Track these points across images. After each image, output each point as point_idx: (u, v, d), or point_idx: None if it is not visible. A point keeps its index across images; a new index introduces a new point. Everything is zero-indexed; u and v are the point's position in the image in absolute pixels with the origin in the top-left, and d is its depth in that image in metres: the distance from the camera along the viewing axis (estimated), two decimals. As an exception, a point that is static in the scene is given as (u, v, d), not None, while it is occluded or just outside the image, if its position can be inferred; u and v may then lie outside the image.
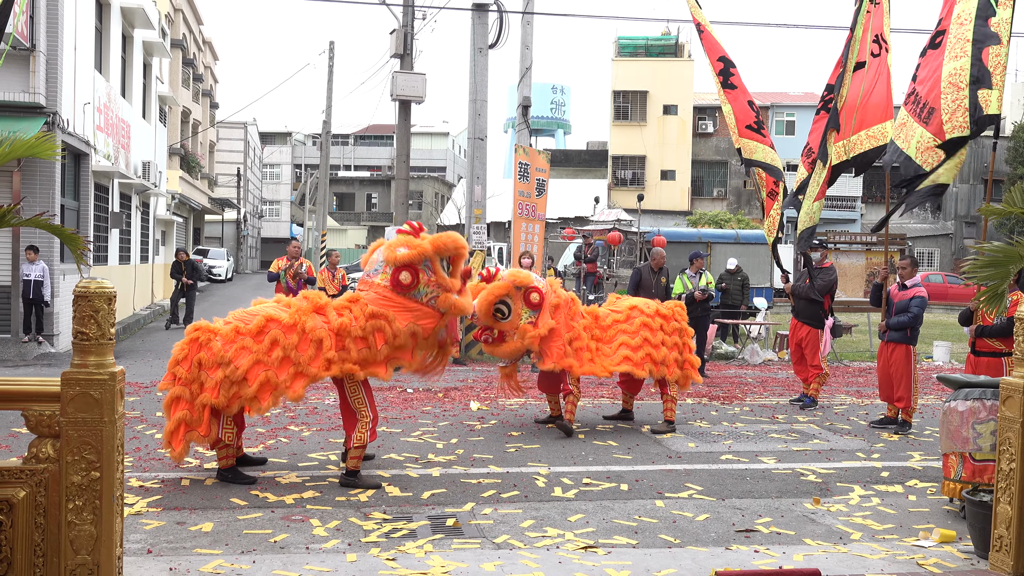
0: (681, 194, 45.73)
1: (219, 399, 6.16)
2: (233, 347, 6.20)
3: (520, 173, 15.51)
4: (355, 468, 6.50)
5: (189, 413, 6.20)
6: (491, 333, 8.05)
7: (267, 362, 6.18)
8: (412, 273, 6.32)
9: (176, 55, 31.33)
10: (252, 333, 6.27)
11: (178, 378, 6.28)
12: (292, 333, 6.26)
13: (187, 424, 6.21)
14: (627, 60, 46.70)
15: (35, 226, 4.69)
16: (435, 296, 6.40)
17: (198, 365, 6.22)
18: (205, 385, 6.19)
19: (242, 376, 6.12)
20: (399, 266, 6.32)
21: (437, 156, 70.61)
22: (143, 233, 23.42)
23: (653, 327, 8.64)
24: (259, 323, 6.29)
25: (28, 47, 13.61)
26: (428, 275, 6.36)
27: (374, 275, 6.49)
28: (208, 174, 42.03)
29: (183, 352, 6.32)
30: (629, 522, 5.79)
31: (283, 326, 6.27)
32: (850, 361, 16.00)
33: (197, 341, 6.30)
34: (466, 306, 6.66)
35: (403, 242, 6.38)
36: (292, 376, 6.22)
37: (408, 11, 19.40)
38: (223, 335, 6.27)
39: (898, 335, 9.20)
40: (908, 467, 7.64)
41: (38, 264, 13.91)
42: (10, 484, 3.74)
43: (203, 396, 6.17)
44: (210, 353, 6.20)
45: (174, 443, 6.22)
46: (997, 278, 5.43)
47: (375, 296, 6.41)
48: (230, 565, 4.75)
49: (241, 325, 6.33)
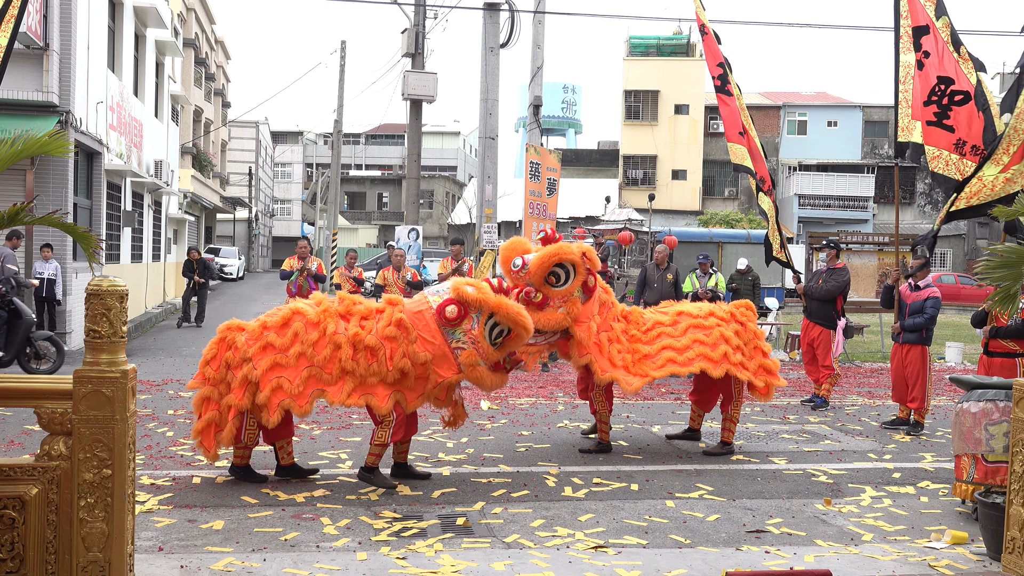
0: (692, 194, 45.65)
1: (244, 401, 6.09)
2: (256, 344, 6.14)
3: (531, 172, 15.51)
4: (373, 464, 6.42)
5: (217, 413, 6.18)
6: (535, 294, 7.11)
7: (284, 363, 6.07)
8: (459, 313, 6.08)
9: (188, 54, 31.43)
10: (277, 326, 6.21)
11: (208, 378, 6.25)
12: (313, 329, 6.19)
13: (216, 424, 6.18)
14: (639, 60, 46.65)
15: (48, 224, 4.71)
16: (463, 347, 6.11)
17: (225, 365, 6.18)
18: (231, 385, 6.15)
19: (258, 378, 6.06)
20: (454, 300, 6.11)
21: (448, 155, 70.64)
22: (155, 232, 23.51)
23: (707, 326, 7.61)
24: (285, 315, 6.25)
25: (41, 46, 13.68)
26: (472, 325, 6.10)
27: (436, 293, 6.34)
28: (220, 173, 42.17)
29: (212, 352, 6.27)
30: (639, 522, 5.77)
31: (307, 321, 6.21)
32: (862, 362, 15.94)
33: (225, 341, 6.26)
34: (486, 380, 6.26)
35: (479, 286, 6.16)
36: (304, 380, 6.05)
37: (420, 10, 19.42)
38: (249, 331, 6.23)
39: (913, 336, 9.16)
40: (920, 468, 7.61)
41: (52, 262, 13.98)
42: (23, 481, 3.76)
43: (228, 397, 6.13)
44: (235, 352, 6.16)
45: (206, 443, 6.21)
46: (1010, 279, 5.39)
47: (414, 309, 6.24)
48: (241, 563, 4.76)
49: (268, 319, 6.29)
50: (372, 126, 70.40)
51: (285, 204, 66.78)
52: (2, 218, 4.56)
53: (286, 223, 66.05)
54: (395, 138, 68.92)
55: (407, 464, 6.83)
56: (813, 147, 45.21)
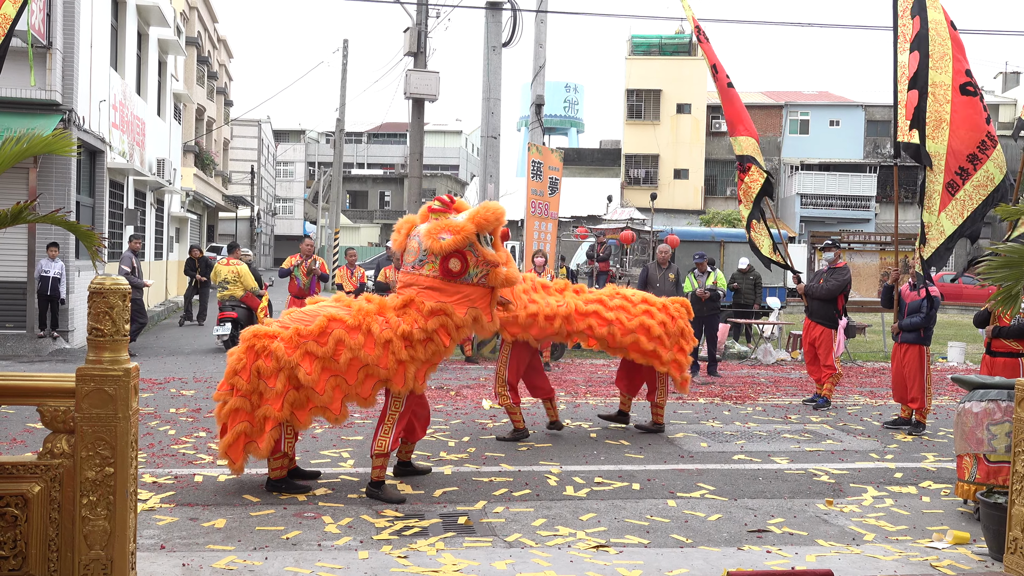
0: (694, 193, 45.63)
1: (282, 411, 5.88)
2: (297, 352, 5.90)
3: (533, 171, 15.50)
4: (380, 479, 6.18)
5: (249, 425, 5.92)
6: None
7: (334, 368, 5.91)
8: (461, 259, 6.06)
9: (191, 53, 31.44)
10: (315, 335, 5.95)
11: (237, 388, 5.95)
12: (357, 334, 5.97)
13: (247, 436, 5.94)
14: (641, 59, 46.62)
15: (51, 223, 4.71)
16: (485, 274, 6.17)
17: (257, 374, 5.91)
18: (265, 396, 5.89)
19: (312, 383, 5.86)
20: (447, 254, 6.07)
21: (450, 154, 70.66)
22: (157, 230, 23.53)
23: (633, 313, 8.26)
24: (321, 324, 5.97)
25: (45, 44, 13.69)
26: (475, 256, 6.09)
27: (420, 266, 6.19)
28: (222, 171, 42.18)
29: (241, 362, 5.95)
30: (641, 521, 5.78)
31: (347, 327, 5.97)
32: (863, 361, 15.93)
33: (254, 349, 5.96)
34: (516, 277, 6.43)
35: (444, 227, 6.03)
36: (363, 379, 5.98)
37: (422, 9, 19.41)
38: (284, 339, 5.93)
39: (912, 336, 9.16)
40: (922, 468, 7.60)
41: (57, 261, 14.00)
42: (25, 479, 3.77)
43: (264, 408, 5.88)
44: (268, 362, 5.88)
45: (232, 455, 5.96)
46: (1012, 279, 5.39)
47: (429, 290, 6.14)
48: (243, 561, 4.77)
49: (301, 327, 5.99)
50: (374, 125, 70.42)
51: (287, 203, 66.83)
52: (5, 216, 4.56)
53: (288, 222, 66.10)
54: (397, 137, 68.94)
55: (411, 462, 6.85)
56: (815, 146, 45.18)
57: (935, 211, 8.34)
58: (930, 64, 8.31)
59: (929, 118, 8.27)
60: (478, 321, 6.25)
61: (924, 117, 8.25)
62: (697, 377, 12.98)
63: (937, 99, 8.27)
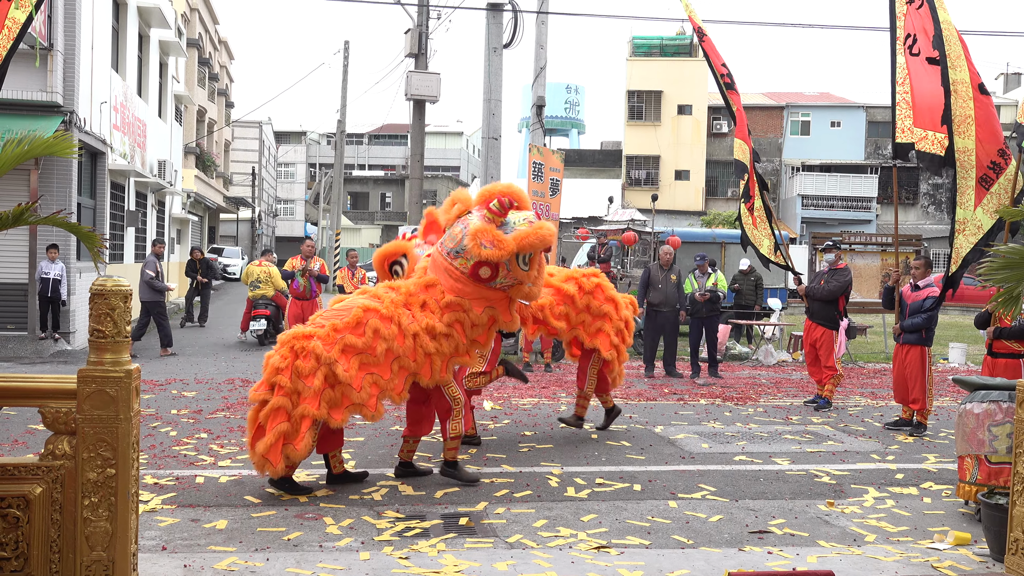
0: (695, 194, 45.62)
1: (320, 410, 5.86)
2: (335, 348, 5.96)
3: (534, 173, 15.50)
4: (454, 459, 6.61)
5: (288, 425, 5.86)
6: None
7: (372, 361, 6.03)
8: (492, 270, 6.23)
9: (192, 54, 31.47)
10: (351, 326, 6.06)
11: (280, 387, 5.88)
12: (391, 324, 6.15)
13: (286, 437, 5.87)
14: (642, 60, 46.62)
15: (52, 224, 4.71)
16: (510, 285, 6.38)
17: (296, 374, 5.88)
18: (303, 395, 5.85)
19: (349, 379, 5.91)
20: (484, 263, 6.20)
21: (451, 156, 70.69)
22: (159, 231, 23.55)
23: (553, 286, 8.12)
24: (357, 315, 6.09)
25: (46, 46, 13.71)
26: (507, 270, 6.26)
27: (454, 256, 6.32)
28: (223, 173, 42.21)
29: (285, 360, 5.92)
30: (642, 522, 5.78)
31: (381, 316, 6.13)
32: (865, 362, 15.92)
33: (293, 349, 5.96)
34: (538, 293, 6.66)
35: (491, 237, 6.15)
36: (396, 372, 6.13)
37: (423, 11, 19.43)
38: (321, 337, 5.97)
39: (913, 337, 9.15)
40: (923, 469, 7.60)
41: (57, 263, 14.01)
42: (27, 480, 3.77)
43: (302, 407, 5.82)
44: (307, 361, 5.88)
45: (272, 458, 5.84)
46: (1013, 280, 5.39)
47: (452, 282, 6.35)
48: (244, 562, 4.77)
49: (337, 322, 6.08)
50: (375, 126, 70.45)
51: (288, 204, 66.88)
52: (7, 218, 4.57)
53: (289, 223, 66.13)
54: (398, 138, 68.98)
55: (412, 463, 6.86)
56: (816, 147, 45.16)
57: (970, 207, 8.26)
58: (948, 64, 8.31)
59: (955, 115, 8.23)
60: (496, 320, 6.49)
61: (951, 115, 8.20)
62: (698, 378, 12.99)
63: (960, 96, 8.26)
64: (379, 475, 6.72)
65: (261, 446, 5.85)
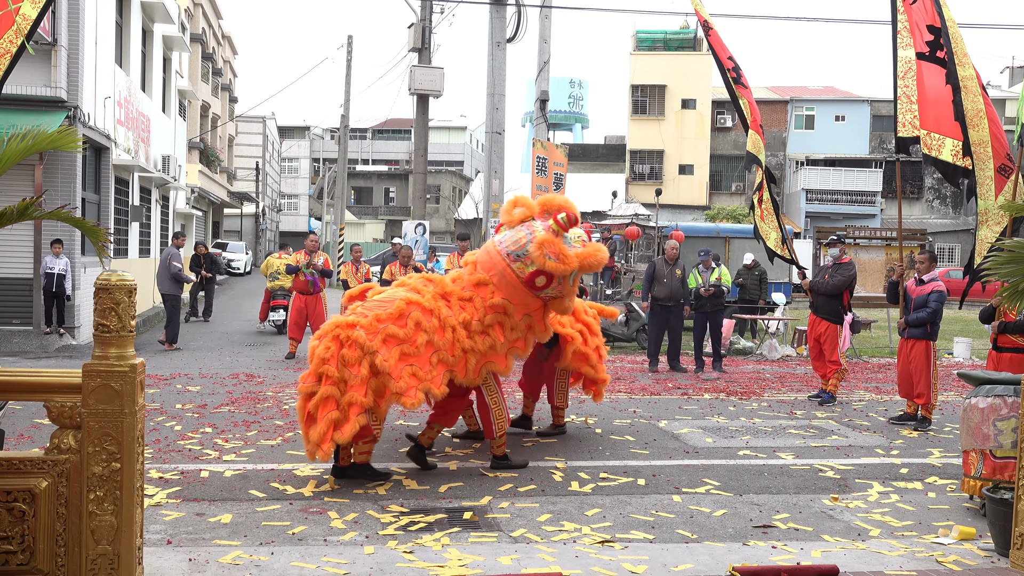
0: (699, 188, 45.56)
1: (367, 398, 6.01)
2: (377, 337, 6.10)
3: (538, 167, 15.50)
4: (501, 455, 6.93)
5: (337, 412, 5.97)
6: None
7: (412, 352, 6.16)
8: (548, 280, 6.49)
9: (195, 49, 31.47)
10: (393, 317, 6.21)
11: (328, 377, 6.00)
12: (432, 317, 6.33)
13: (335, 424, 5.97)
14: (645, 54, 46.54)
15: (57, 219, 4.72)
16: (552, 297, 6.66)
17: (343, 362, 6.02)
18: (350, 383, 6.00)
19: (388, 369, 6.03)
20: (541, 272, 6.45)
21: (455, 150, 70.58)
22: (163, 226, 23.56)
23: None
24: (400, 307, 6.26)
25: (50, 42, 13.71)
26: (559, 284, 6.55)
27: (513, 259, 6.50)
28: (227, 168, 42.23)
29: (329, 350, 6.05)
30: (646, 517, 5.78)
31: (423, 309, 6.32)
32: (869, 357, 15.91)
33: (338, 338, 6.09)
34: (571, 308, 6.99)
35: (557, 250, 6.41)
36: (435, 365, 6.25)
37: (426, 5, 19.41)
38: (364, 327, 6.11)
39: (918, 331, 9.14)
40: (928, 464, 7.60)
41: (62, 257, 14.03)
42: (32, 474, 3.78)
43: (350, 395, 5.97)
44: (352, 350, 6.02)
45: (323, 444, 5.93)
46: (1018, 275, 5.37)
47: (504, 283, 6.54)
48: (249, 556, 4.78)
49: (380, 312, 6.24)
50: (379, 121, 70.37)
51: (292, 199, 66.85)
52: (11, 213, 4.58)
53: (293, 218, 66.10)
54: (402, 133, 68.92)
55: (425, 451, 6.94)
56: (821, 142, 45.09)
57: (990, 197, 8.38)
58: (956, 61, 8.35)
59: (968, 109, 8.29)
60: (532, 328, 6.73)
61: (963, 109, 8.26)
62: (702, 373, 12.99)
63: (970, 91, 8.37)
64: (383, 469, 6.73)
65: (314, 435, 5.96)
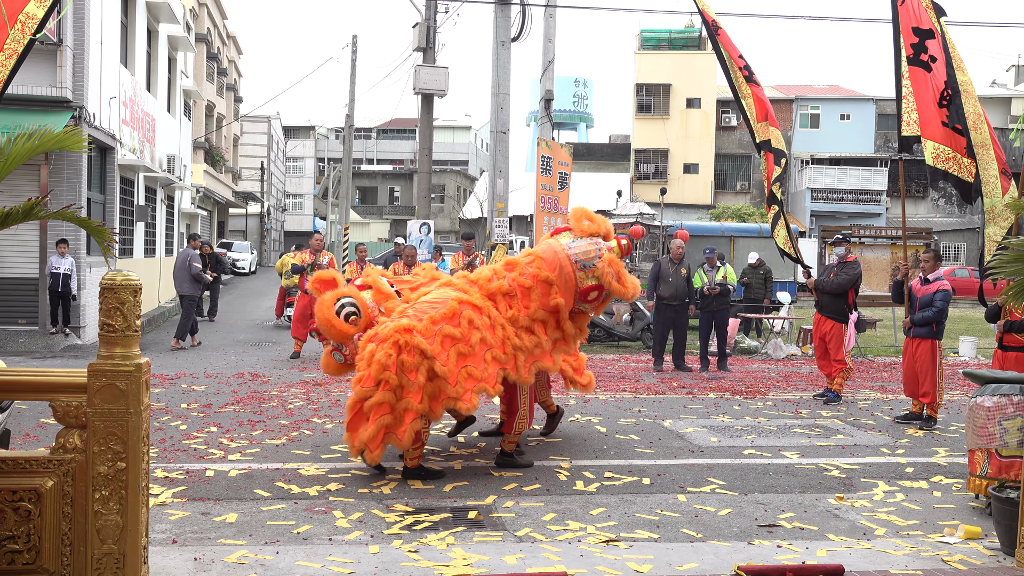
0: (704, 188, 45.50)
1: (422, 404, 6.08)
2: (435, 341, 6.15)
3: (542, 166, 15.49)
4: (509, 452, 6.99)
5: (390, 417, 6.06)
6: None
7: (467, 352, 6.25)
8: (598, 296, 6.90)
9: (201, 49, 31.52)
10: (447, 317, 6.31)
11: (387, 383, 6.05)
12: (483, 315, 6.46)
13: (388, 428, 6.08)
14: (650, 53, 46.48)
15: (62, 219, 4.73)
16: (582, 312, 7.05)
17: (401, 368, 6.05)
18: (406, 389, 6.06)
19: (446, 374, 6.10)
20: (595, 287, 6.77)
21: (459, 150, 70.60)
22: (168, 226, 23.61)
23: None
24: (452, 307, 6.36)
25: (55, 42, 13.74)
26: (600, 301, 7.01)
27: (581, 267, 6.79)
28: (232, 168, 42.30)
29: (391, 357, 6.06)
30: (651, 516, 5.78)
31: (474, 307, 6.45)
32: (874, 356, 15.88)
33: (397, 344, 6.11)
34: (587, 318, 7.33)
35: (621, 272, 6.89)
36: (488, 363, 6.35)
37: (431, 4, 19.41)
38: (421, 331, 6.16)
39: (923, 330, 9.13)
40: (933, 463, 7.58)
41: (67, 257, 14.06)
42: (38, 474, 3.79)
43: (405, 401, 6.04)
44: (412, 356, 6.06)
45: (372, 446, 6.06)
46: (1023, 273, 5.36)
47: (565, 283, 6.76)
48: (254, 555, 4.79)
49: (434, 313, 6.31)
50: (383, 120, 70.38)
51: (297, 199, 66.93)
52: (17, 213, 4.58)
53: (298, 218, 66.18)
54: (406, 132, 68.95)
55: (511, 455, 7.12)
56: (826, 140, 45.00)
57: (997, 195, 8.42)
58: (954, 64, 8.38)
59: (969, 112, 8.32)
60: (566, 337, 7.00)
61: (963, 112, 8.29)
62: (707, 372, 12.98)
63: (970, 95, 8.41)
64: (389, 468, 6.74)
65: (365, 434, 6.08)
